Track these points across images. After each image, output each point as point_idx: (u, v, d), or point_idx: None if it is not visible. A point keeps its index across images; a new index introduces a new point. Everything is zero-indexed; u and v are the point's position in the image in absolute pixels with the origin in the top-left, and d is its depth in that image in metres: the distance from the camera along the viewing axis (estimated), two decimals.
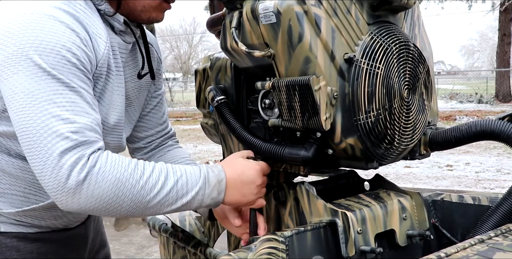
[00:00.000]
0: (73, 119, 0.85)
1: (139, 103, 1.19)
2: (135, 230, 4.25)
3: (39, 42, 0.85)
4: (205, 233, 1.47)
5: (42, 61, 0.85)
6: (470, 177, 6.03)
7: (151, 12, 1.04)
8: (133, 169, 0.87)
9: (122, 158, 0.89)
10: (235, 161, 1.02)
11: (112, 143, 1.07)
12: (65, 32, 0.88)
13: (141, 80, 1.16)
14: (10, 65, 0.85)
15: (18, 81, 0.84)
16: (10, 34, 0.85)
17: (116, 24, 1.02)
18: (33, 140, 0.83)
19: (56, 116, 0.83)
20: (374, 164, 0.99)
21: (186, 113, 17.34)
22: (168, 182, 0.90)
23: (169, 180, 0.90)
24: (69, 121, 0.84)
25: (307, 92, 0.92)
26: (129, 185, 0.86)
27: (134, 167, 0.88)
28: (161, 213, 0.94)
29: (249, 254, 0.87)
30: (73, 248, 1.19)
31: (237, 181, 0.99)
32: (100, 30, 0.97)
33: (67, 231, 1.17)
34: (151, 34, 1.23)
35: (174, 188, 0.91)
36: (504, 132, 0.96)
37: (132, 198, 0.87)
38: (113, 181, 0.84)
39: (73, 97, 0.86)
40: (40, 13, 0.87)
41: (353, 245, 0.95)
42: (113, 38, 1.02)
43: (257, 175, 1.01)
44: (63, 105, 0.85)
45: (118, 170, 0.86)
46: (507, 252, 0.74)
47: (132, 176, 0.86)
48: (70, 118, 0.84)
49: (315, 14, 0.93)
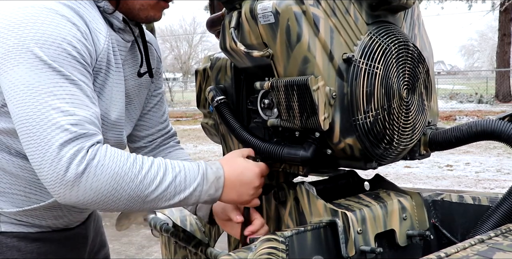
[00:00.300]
0: (72, 112, 0.84)
1: (139, 102, 1.20)
2: (135, 230, 4.25)
3: (40, 35, 0.85)
4: (206, 233, 1.47)
5: (43, 53, 0.85)
6: (470, 177, 6.03)
7: (149, 11, 1.05)
8: (131, 163, 0.87)
9: (121, 152, 0.89)
10: (234, 160, 1.02)
11: (113, 139, 1.08)
12: (66, 26, 0.88)
13: (141, 78, 1.16)
14: (11, 57, 0.85)
15: (19, 73, 0.84)
16: (11, 27, 0.86)
17: (115, 22, 1.03)
18: (32, 132, 0.83)
19: (56, 109, 0.83)
20: (373, 164, 0.99)
21: (186, 113, 17.35)
22: (167, 177, 0.90)
23: (168, 175, 0.91)
24: (68, 113, 0.84)
25: (306, 92, 0.92)
26: (128, 179, 0.86)
27: (133, 161, 0.88)
28: (159, 208, 0.94)
29: (249, 254, 0.87)
30: (73, 248, 1.19)
31: (235, 181, 0.99)
32: (100, 25, 0.97)
33: (68, 231, 1.17)
34: (150, 34, 1.23)
35: (172, 183, 0.91)
36: (504, 132, 0.96)
37: (130, 192, 0.87)
38: (112, 175, 0.84)
39: (73, 90, 0.86)
40: (41, 6, 0.88)
41: (353, 245, 0.95)
42: (113, 35, 1.02)
43: (255, 176, 1.01)
44: (63, 98, 0.85)
45: (117, 163, 0.85)
46: (507, 252, 0.74)
47: (131, 170, 0.86)
48: (69, 111, 0.84)
49: (314, 14, 0.93)
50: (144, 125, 1.27)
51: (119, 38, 1.05)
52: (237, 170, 0.99)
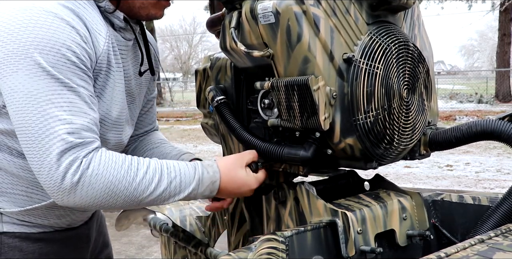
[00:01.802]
0: (70, 120, 0.86)
1: (140, 100, 1.21)
2: (135, 230, 4.25)
3: (39, 40, 0.86)
4: (205, 233, 1.46)
5: (42, 59, 0.85)
6: (470, 177, 6.03)
7: (150, 9, 1.05)
8: (126, 170, 0.90)
9: (116, 157, 0.91)
10: (235, 172, 1.03)
11: (113, 139, 1.08)
12: (65, 30, 0.89)
13: (141, 77, 1.16)
14: (10, 63, 0.85)
15: (18, 80, 0.85)
16: (10, 31, 0.86)
17: (116, 21, 1.03)
18: (31, 140, 0.86)
19: (54, 117, 0.85)
20: (373, 164, 0.99)
21: (186, 113, 17.34)
22: (162, 183, 0.94)
23: (163, 181, 0.94)
24: (66, 122, 0.86)
25: (306, 92, 0.92)
26: (122, 187, 0.90)
27: (127, 168, 0.91)
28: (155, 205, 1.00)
29: (249, 254, 0.87)
30: (76, 248, 1.19)
31: (231, 192, 1.04)
32: (100, 26, 0.97)
33: (70, 231, 1.17)
34: (149, 33, 1.23)
35: (167, 189, 0.94)
36: (504, 132, 0.96)
37: (125, 198, 0.91)
38: (106, 183, 0.88)
39: (71, 97, 0.88)
40: (39, 9, 0.88)
41: (353, 245, 0.95)
42: (113, 35, 1.02)
43: (251, 190, 1.06)
44: (61, 106, 0.86)
45: (111, 172, 0.89)
46: (507, 252, 0.74)
47: (125, 178, 0.90)
48: (67, 119, 0.86)
49: (314, 14, 0.93)
50: (135, 126, 1.29)
51: (120, 37, 1.05)
52: (236, 183, 1.03)
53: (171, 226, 1.55)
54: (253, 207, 1.26)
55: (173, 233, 1.52)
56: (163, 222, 1.59)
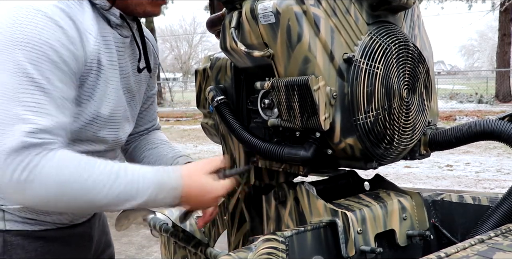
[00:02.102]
0: (33, 120, 0.85)
1: (140, 97, 1.21)
2: (135, 230, 4.25)
3: (23, 37, 0.86)
4: (205, 233, 1.47)
5: (23, 56, 0.86)
6: (470, 177, 6.03)
7: (146, 6, 1.06)
8: (79, 171, 0.88)
9: (72, 157, 0.89)
10: (199, 179, 1.00)
11: (109, 137, 1.08)
12: (50, 28, 0.89)
13: (141, 74, 1.16)
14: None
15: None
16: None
17: (112, 18, 1.03)
18: None
19: (16, 116, 0.85)
20: (373, 164, 0.99)
21: (186, 113, 17.34)
22: (116, 185, 0.90)
23: (118, 184, 0.91)
24: (28, 121, 0.85)
25: (306, 92, 0.92)
26: (75, 187, 0.87)
27: (81, 169, 0.88)
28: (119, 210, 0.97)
29: (249, 254, 0.87)
30: (78, 247, 1.19)
31: (196, 199, 1.00)
32: (91, 26, 0.97)
33: (72, 228, 1.17)
34: (147, 30, 1.23)
35: (123, 192, 0.91)
36: (504, 132, 0.96)
37: (78, 199, 0.89)
38: (57, 182, 0.86)
39: (40, 98, 0.87)
40: (30, 7, 0.88)
41: (353, 245, 0.95)
42: (109, 32, 1.02)
43: (216, 199, 1.02)
44: (28, 105, 0.86)
45: (63, 171, 0.86)
46: (507, 252, 0.74)
47: (78, 178, 0.87)
48: (30, 119, 0.85)
49: (314, 14, 0.93)
50: (136, 123, 1.28)
51: (116, 35, 1.05)
52: (200, 191, 0.99)
53: (171, 226, 1.55)
54: (253, 207, 1.26)
55: (173, 233, 1.51)
56: (163, 222, 1.58)
